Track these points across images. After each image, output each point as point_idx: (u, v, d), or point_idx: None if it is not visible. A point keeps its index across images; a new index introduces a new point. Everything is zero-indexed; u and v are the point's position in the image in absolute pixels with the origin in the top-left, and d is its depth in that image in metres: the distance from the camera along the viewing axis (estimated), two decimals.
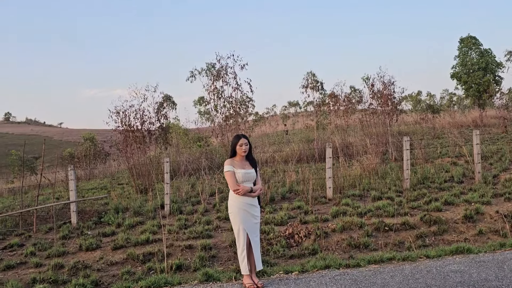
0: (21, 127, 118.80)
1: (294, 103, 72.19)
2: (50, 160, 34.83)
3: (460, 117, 27.50)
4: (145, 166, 13.13)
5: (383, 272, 5.10)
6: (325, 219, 7.96)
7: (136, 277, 5.87)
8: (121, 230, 8.43)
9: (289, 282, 5.02)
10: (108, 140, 18.59)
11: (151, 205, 10.05)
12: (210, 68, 18.31)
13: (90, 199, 11.20)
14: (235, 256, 6.37)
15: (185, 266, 6.25)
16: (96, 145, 30.31)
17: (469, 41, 26.27)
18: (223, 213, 8.85)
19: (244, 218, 4.88)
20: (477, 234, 6.81)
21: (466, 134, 18.88)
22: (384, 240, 6.78)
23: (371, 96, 17.75)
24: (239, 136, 5.08)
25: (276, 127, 37.31)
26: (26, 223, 9.55)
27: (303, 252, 6.51)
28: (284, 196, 10.30)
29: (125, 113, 13.97)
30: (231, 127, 16.17)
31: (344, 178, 11.08)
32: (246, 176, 4.93)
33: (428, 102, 40.71)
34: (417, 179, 10.69)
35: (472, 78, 25.78)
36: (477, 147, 10.24)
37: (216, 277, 5.42)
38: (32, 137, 79.19)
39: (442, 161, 13.42)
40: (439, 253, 5.79)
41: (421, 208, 8.24)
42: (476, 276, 4.67)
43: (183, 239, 7.50)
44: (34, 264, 6.75)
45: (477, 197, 8.56)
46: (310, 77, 19.80)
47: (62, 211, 10.45)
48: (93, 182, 17.45)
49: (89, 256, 7.05)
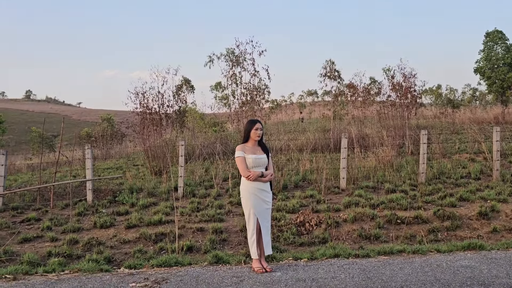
0: (41, 105, 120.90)
1: (311, 92, 71.65)
2: (68, 138, 35.46)
3: (481, 113, 26.92)
4: (160, 149, 13.25)
5: (392, 264, 5.08)
6: (337, 209, 7.95)
7: (148, 256, 5.99)
8: (134, 210, 8.58)
9: (297, 268, 5.05)
10: (125, 121, 18.78)
11: (165, 187, 10.18)
12: (229, 53, 18.29)
13: (105, 178, 11.39)
14: (246, 240, 6.43)
15: (196, 248, 6.34)
16: (113, 126, 30.71)
17: (495, 36, 25.59)
18: (235, 198, 8.91)
19: (255, 203, 4.91)
20: (491, 232, 6.71)
21: (487, 130, 18.48)
22: (396, 232, 6.75)
23: (390, 88, 17.50)
24: (254, 120, 5.09)
25: (292, 115, 37.16)
26: (43, 199, 9.78)
27: (313, 240, 6.53)
28: (297, 184, 10.30)
29: (144, 94, 14.08)
30: (247, 114, 16.18)
31: (359, 169, 11.01)
32: (257, 161, 4.94)
33: (449, 97, 39.93)
34: (433, 174, 10.55)
35: (496, 73, 25.17)
36: (497, 144, 10.04)
37: (226, 260, 5.49)
38: (51, 115, 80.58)
39: (459, 157, 13.21)
40: (450, 248, 5.74)
41: (435, 203, 8.15)
42: (486, 272, 4.62)
43: (195, 221, 7.60)
44: (50, 238, 6.93)
45: (493, 194, 8.42)
46: (329, 65, 19.58)
47: (78, 189, 10.67)
48: (109, 162, 17.73)
49: (103, 234, 7.20)
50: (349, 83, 20.44)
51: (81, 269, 5.29)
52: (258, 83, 16.62)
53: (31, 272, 5.30)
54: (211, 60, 19.90)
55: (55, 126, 61.69)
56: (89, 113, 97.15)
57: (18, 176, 15.01)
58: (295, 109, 46.11)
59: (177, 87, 16.65)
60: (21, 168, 18.11)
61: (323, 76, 19.39)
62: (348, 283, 4.41)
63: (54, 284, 4.77)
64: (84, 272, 5.22)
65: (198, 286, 4.49)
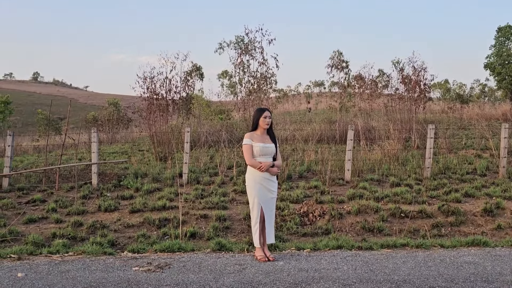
0: (48, 87, 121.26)
1: (318, 83, 71.30)
2: (74, 122, 35.59)
3: (489, 109, 26.65)
4: (166, 135, 13.26)
5: (395, 257, 5.08)
6: (341, 200, 7.94)
7: (151, 240, 6.02)
8: (139, 194, 8.61)
9: (300, 258, 5.06)
10: (131, 106, 18.81)
11: (169, 173, 10.20)
12: (239, 41, 18.17)
13: (111, 162, 11.44)
14: (249, 229, 6.44)
15: (199, 234, 6.37)
16: (120, 111, 30.76)
17: (507, 31, 25.25)
18: (239, 186, 8.92)
19: (260, 191, 4.91)
20: (495, 229, 6.68)
21: (495, 127, 18.32)
22: (399, 226, 6.73)
23: (399, 81, 17.33)
24: (263, 109, 5.06)
25: (299, 106, 37.02)
26: (49, 181, 9.84)
27: (316, 231, 6.53)
28: (302, 174, 10.29)
29: (152, 80, 14.04)
30: (254, 102, 16.11)
31: (364, 162, 10.97)
32: (265, 150, 4.92)
33: (458, 92, 39.54)
34: (439, 169, 10.49)
35: (507, 69, 24.88)
36: (505, 141, 9.95)
37: (229, 248, 5.50)
38: (58, 98, 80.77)
39: (466, 153, 13.12)
40: (454, 243, 5.72)
41: (440, 198, 8.12)
42: (490, 269, 4.61)
43: (199, 208, 7.62)
44: (54, 220, 6.99)
45: (499, 191, 8.37)
46: (337, 56, 19.39)
47: (83, 172, 10.71)
48: (114, 147, 17.78)
49: (107, 217, 7.25)
50: (357, 74, 20.27)
51: (85, 251, 5.33)
52: (266, 71, 16.53)
53: (36, 252, 5.35)
54: (221, 47, 19.81)
55: (62, 109, 61.89)
56: (95, 97, 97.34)
57: (25, 157, 15.09)
58: (301, 99, 45.93)
59: (186, 73, 16.54)
60: (28, 149, 18.20)
61: (330, 67, 19.21)
62: (350, 275, 4.41)
63: (58, 265, 4.81)
64: (88, 254, 5.26)
65: (200, 273, 4.51)
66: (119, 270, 4.62)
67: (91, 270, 4.61)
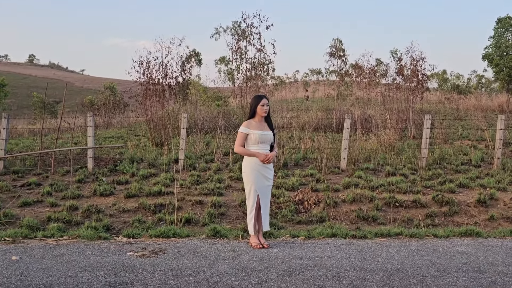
0: (44, 70, 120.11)
1: (316, 71, 71.00)
2: (70, 105, 35.36)
3: (486, 101, 26.70)
4: (162, 120, 13.21)
5: (389, 246, 5.12)
6: (336, 189, 7.97)
7: (146, 226, 6.03)
8: (134, 179, 8.61)
9: (295, 245, 5.09)
10: (128, 91, 18.68)
11: (165, 158, 10.19)
12: (236, 27, 18.01)
13: (107, 147, 11.41)
14: (244, 215, 6.47)
15: (194, 220, 6.38)
16: (116, 95, 30.57)
17: (507, 22, 25.12)
18: (235, 173, 8.93)
19: (257, 179, 4.90)
20: (488, 219, 6.74)
21: (490, 118, 18.38)
22: (393, 215, 6.78)
23: (397, 71, 17.29)
24: (260, 96, 5.02)
25: (296, 93, 36.88)
26: (44, 164, 9.81)
27: (311, 219, 6.56)
28: (298, 162, 10.30)
29: (148, 64, 13.94)
30: (251, 89, 16.05)
31: (360, 151, 11.00)
32: (263, 137, 4.91)
33: (455, 82, 39.50)
34: (434, 159, 10.54)
35: (505, 61, 24.83)
36: (500, 132, 9.99)
37: (224, 234, 5.52)
38: (54, 81, 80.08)
39: (461, 143, 13.18)
40: (447, 233, 5.76)
41: (435, 188, 8.17)
42: (482, 259, 4.66)
43: (194, 194, 7.63)
44: (49, 203, 6.98)
45: (493, 182, 8.42)
46: (336, 44, 19.29)
47: (79, 156, 10.69)
48: (110, 131, 17.72)
49: (102, 201, 7.25)
50: (355, 63, 20.21)
51: (80, 235, 5.34)
52: (263, 58, 16.43)
53: (30, 236, 5.35)
54: (217, 33, 19.62)
55: (58, 92, 61.39)
56: (92, 81, 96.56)
57: (20, 140, 15.03)
58: (299, 87, 45.75)
59: (184, 58, 16.41)
60: (23, 132, 18.12)
61: (329, 55, 19.13)
62: (344, 263, 4.45)
63: (53, 248, 4.82)
64: (83, 238, 5.26)
65: (195, 259, 4.54)
66: (114, 255, 4.63)
67: (85, 254, 4.62)
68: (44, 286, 3.70)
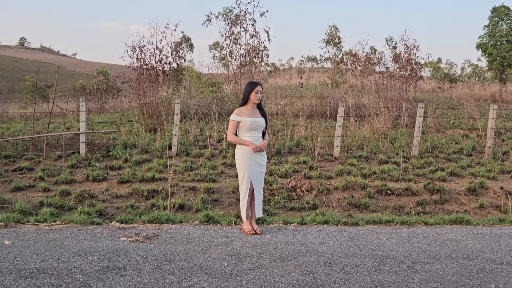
0: (35, 53, 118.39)
1: (311, 58, 70.75)
2: (62, 90, 35.00)
3: (478, 90, 26.85)
4: (156, 106, 13.13)
5: (380, 233, 5.18)
6: (329, 176, 8.02)
7: (139, 211, 6.04)
8: (127, 165, 8.59)
9: (287, 232, 5.13)
10: (121, 76, 18.49)
11: (159, 144, 10.16)
12: (227, 12, 17.83)
13: (99, 132, 11.34)
14: (237, 202, 6.50)
15: (188, 206, 6.40)
16: (109, 80, 30.27)
17: (502, 11, 25.13)
18: (228, 160, 8.94)
19: (250, 165, 4.91)
20: (478, 207, 6.84)
21: (483, 107, 18.51)
22: (385, 203, 6.85)
23: (391, 59, 17.29)
24: (255, 83, 5.00)
25: (290, 80, 36.79)
26: (36, 149, 9.74)
27: (304, 206, 6.61)
28: (291, 149, 10.33)
29: (141, 49, 13.79)
30: (245, 75, 15.97)
31: (353, 139, 11.04)
32: (255, 124, 4.90)
33: (446, 71, 39.57)
34: (426, 148, 10.62)
35: (499, 50, 24.91)
36: (492, 121, 10.06)
37: (217, 220, 5.55)
38: (45, 64, 79.00)
39: (453, 132, 13.28)
40: (437, 221, 5.84)
41: (426, 176, 8.25)
42: (471, 246, 4.74)
43: (188, 180, 7.64)
44: (42, 188, 6.96)
45: (483, 171, 8.52)
46: (333, 31, 19.20)
47: (71, 141, 10.62)
48: (103, 116, 17.60)
49: (95, 187, 7.24)
50: (350, 51, 20.17)
51: (73, 220, 5.33)
52: (257, 44, 16.32)
53: (23, 220, 5.34)
54: (209, 19, 19.44)
55: (49, 76, 60.67)
56: (84, 65, 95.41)
57: (11, 125, 14.88)
58: (293, 74, 45.61)
59: (176, 43, 16.25)
60: (14, 116, 17.92)
61: (325, 42, 19.05)
62: (336, 249, 4.50)
63: (46, 233, 4.82)
64: (76, 223, 5.26)
65: (188, 244, 4.56)
66: (107, 240, 4.64)
67: (78, 239, 4.63)
68: (37, 270, 3.71)
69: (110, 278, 3.61)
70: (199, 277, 3.68)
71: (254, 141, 4.90)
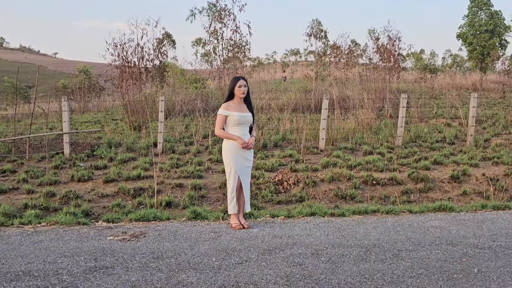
0: (15, 53, 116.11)
1: (295, 52, 70.82)
2: (43, 90, 34.44)
3: (460, 79, 27.25)
4: (140, 103, 13.03)
5: (366, 223, 5.25)
6: (315, 168, 8.07)
7: (126, 210, 6.01)
8: (113, 164, 8.52)
9: (274, 225, 5.17)
10: (103, 74, 18.27)
11: (144, 142, 10.09)
12: (211, 7, 17.74)
13: (83, 131, 11.21)
14: (224, 197, 6.51)
15: (175, 203, 6.39)
16: (91, 79, 29.86)
17: (480, 1, 25.48)
18: (215, 156, 8.93)
19: (237, 160, 4.92)
20: (461, 194, 6.97)
21: (464, 96, 18.80)
22: (371, 193, 6.93)
23: (374, 50, 17.43)
24: (237, 77, 5.00)
25: (274, 74, 36.79)
26: (18, 151, 9.59)
27: (291, 199, 6.66)
28: (277, 143, 10.36)
29: (123, 46, 13.64)
30: (229, 71, 15.93)
31: (338, 131, 11.12)
32: (242, 119, 4.91)
33: (426, 62, 40.03)
34: (410, 137, 10.77)
35: (478, 40, 25.29)
36: (473, 110, 10.24)
37: (204, 216, 5.56)
38: (25, 65, 77.60)
39: (436, 122, 13.47)
40: (422, 209, 5.94)
41: (410, 165, 8.36)
42: (455, 232, 4.83)
43: (174, 177, 7.61)
44: (26, 190, 6.86)
45: (466, 159, 8.68)
46: (315, 25, 19.24)
47: (55, 142, 10.47)
48: (86, 116, 17.38)
49: (80, 187, 7.16)
50: (333, 44, 20.25)
51: (58, 221, 5.28)
52: (239, 39, 16.28)
53: (7, 223, 5.26)
54: (193, 14, 19.30)
55: (30, 76, 59.59)
56: (65, 64, 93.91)
57: None
58: (277, 68, 45.60)
59: (158, 40, 16.10)
60: None
61: (308, 36, 19.10)
62: (323, 241, 4.55)
63: (31, 235, 4.76)
64: (61, 224, 5.21)
65: (176, 241, 4.56)
66: (94, 240, 4.61)
67: (64, 240, 4.59)
68: (23, 273, 3.67)
69: (97, 277, 3.59)
70: (187, 273, 3.69)
71: (242, 136, 4.91)
